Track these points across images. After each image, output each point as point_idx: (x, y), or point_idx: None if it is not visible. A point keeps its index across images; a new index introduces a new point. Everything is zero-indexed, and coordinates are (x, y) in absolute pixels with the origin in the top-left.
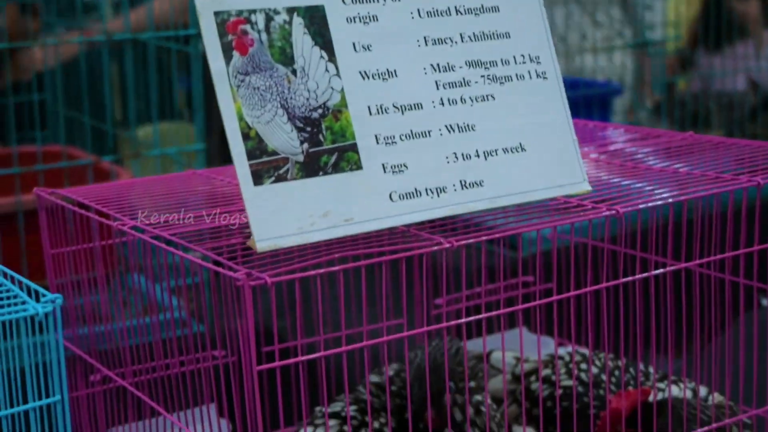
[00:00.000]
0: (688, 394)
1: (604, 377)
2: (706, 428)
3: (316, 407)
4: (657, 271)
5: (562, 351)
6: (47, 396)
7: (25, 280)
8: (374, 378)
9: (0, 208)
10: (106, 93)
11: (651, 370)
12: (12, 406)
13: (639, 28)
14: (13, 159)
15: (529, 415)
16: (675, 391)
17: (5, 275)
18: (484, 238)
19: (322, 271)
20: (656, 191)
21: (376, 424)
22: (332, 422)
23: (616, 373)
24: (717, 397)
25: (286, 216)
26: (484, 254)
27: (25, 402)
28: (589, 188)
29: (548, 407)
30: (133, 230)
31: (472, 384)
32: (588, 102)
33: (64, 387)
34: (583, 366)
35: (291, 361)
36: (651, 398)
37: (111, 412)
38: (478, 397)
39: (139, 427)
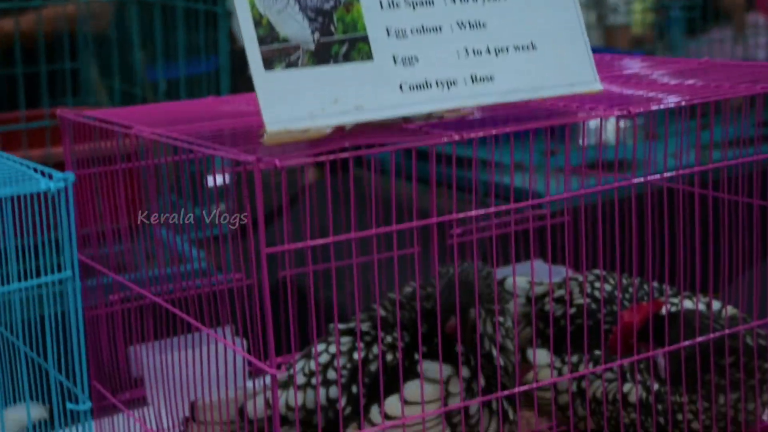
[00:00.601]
0: (702, 307)
1: (617, 294)
2: (718, 333)
3: (330, 324)
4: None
5: (575, 274)
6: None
7: (39, 166)
8: (391, 295)
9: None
10: (136, 55)
11: (665, 287)
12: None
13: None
14: (45, 116)
15: (543, 336)
16: (688, 305)
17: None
18: (494, 132)
19: (332, 157)
20: (669, 97)
21: (389, 339)
22: (345, 339)
23: (630, 290)
24: (730, 310)
25: (296, 101)
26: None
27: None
28: (601, 87)
29: (561, 326)
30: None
31: (501, 318)
32: None
33: (75, 263)
34: (597, 285)
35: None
36: (663, 311)
37: (129, 331)
38: (501, 319)
39: (157, 346)
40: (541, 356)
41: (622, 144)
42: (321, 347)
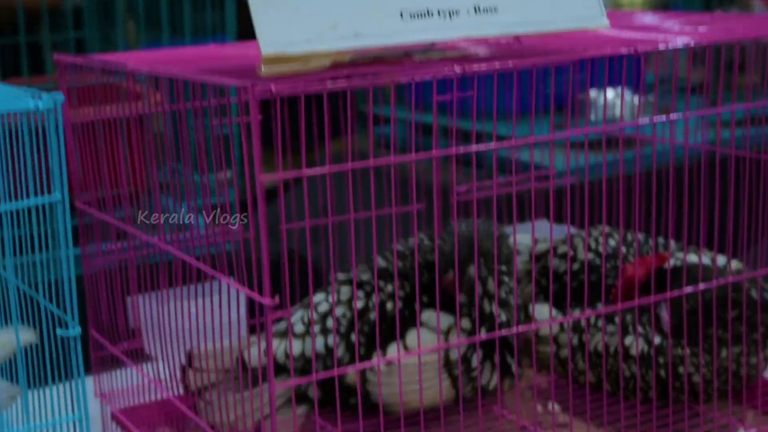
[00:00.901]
0: (706, 261)
1: (622, 249)
2: (722, 280)
3: (329, 274)
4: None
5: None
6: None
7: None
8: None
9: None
10: (140, 23)
11: (671, 242)
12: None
13: None
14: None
15: (545, 293)
16: (693, 259)
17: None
18: (498, 65)
19: (329, 87)
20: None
21: (389, 288)
22: (344, 288)
23: (634, 245)
24: (735, 264)
25: (293, 25)
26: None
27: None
28: (607, 23)
29: (565, 282)
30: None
31: (503, 268)
32: None
33: (65, 186)
34: (600, 240)
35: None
36: (667, 265)
37: (127, 282)
38: (505, 278)
39: (155, 296)
40: (542, 311)
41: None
42: (320, 297)
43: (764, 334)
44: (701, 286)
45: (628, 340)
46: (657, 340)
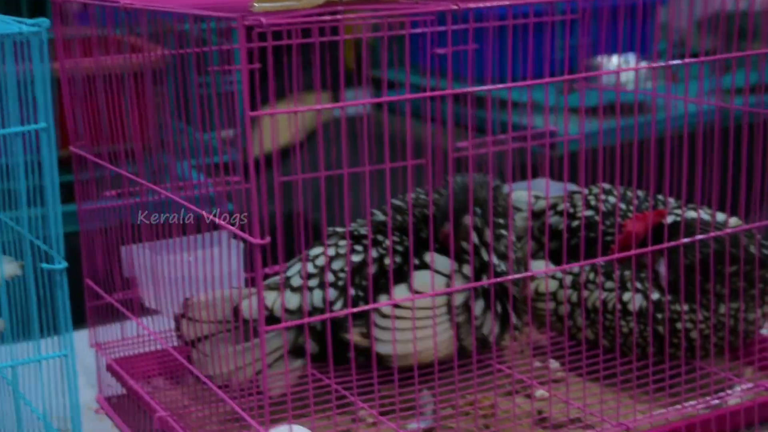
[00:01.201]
0: (706, 217)
1: (621, 206)
2: (719, 233)
3: (329, 228)
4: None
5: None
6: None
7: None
8: (393, 201)
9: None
10: None
11: (671, 199)
12: None
13: None
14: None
15: (544, 250)
16: (692, 215)
17: None
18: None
19: (318, 19)
20: None
21: (387, 243)
22: (342, 242)
23: (633, 202)
24: (735, 221)
25: None
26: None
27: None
28: None
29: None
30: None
31: (501, 220)
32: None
33: (50, 114)
34: (601, 197)
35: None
36: (666, 221)
37: (124, 231)
38: (503, 231)
39: (151, 247)
40: (540, 267)
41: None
42: (318, 250)
43: (762, 290)
44: (698, 237)
45: (627, 296)
46: (655, 296)
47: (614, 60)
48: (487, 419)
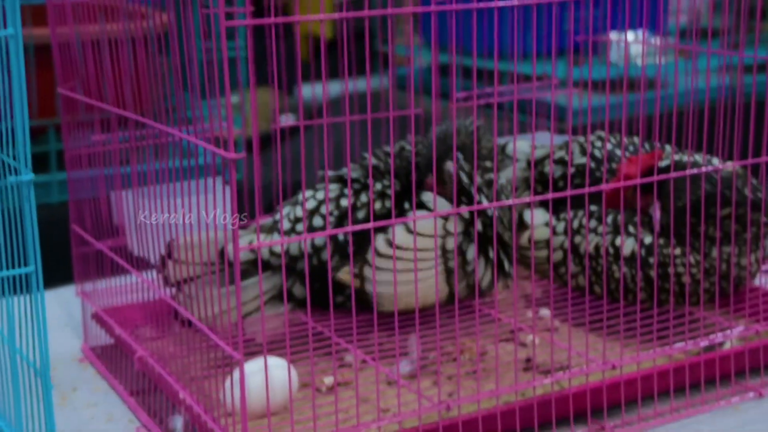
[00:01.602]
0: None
1: (618, 152)
2: (711, 168)
3: (320, 171)
4: None
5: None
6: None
7: None
8: (386, 148)
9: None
10: None
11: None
12: None
13: None
14: None
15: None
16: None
17: None
18: None
19: None
20: None
21: (378, 186)
22: (332, 186)
23: (631, 148)
24: (729, 165)
25: None
26: None
27: None
28: None
29: (560, 187)
30: None
31: (488, 164)
32: None
33: (17, 22)
34: (598, 144)
35: None
36: (662, 164)
37: (111, 178)
38: (491, 176)
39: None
40: (537, 216)
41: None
42: (308, 194)
43: (755, 234)
44: (690, 172)
45: (619, 240)
46: (648, 240)
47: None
48: (473, 364)
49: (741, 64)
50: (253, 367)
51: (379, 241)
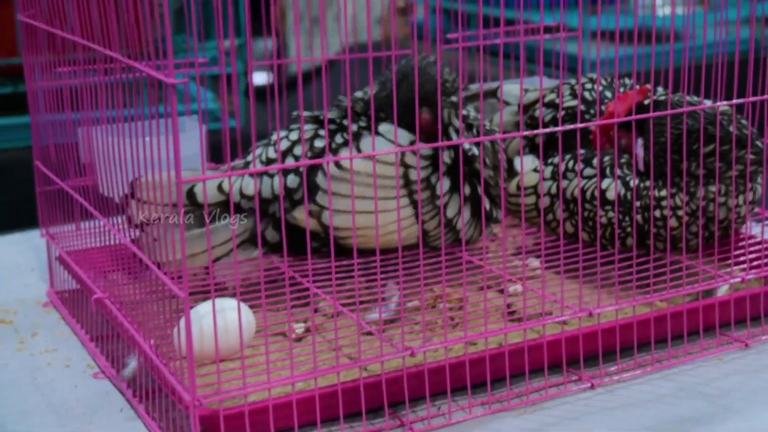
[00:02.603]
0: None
1: (608, 93)
2: (699, 108)
3: (294, 112)
4: None
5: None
6: None
7: None
8: (358, 94)
9: None
10: None
11: (660, 88)
12: None
13: None
14: None
15: (532, 144)
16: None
17: None
18: None
19: None
20: None
21: (354, 127)
22: (308, 126)
23: (622, 89)
24: (723, 107)
25: None
26: None
27: None
28: None
29: (551, 135)
30: None
31: (454, 98)
32: None
33: None
34: (589, 86)
35: None
36: (648, 101)
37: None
38: (485, 124)
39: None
40: (527, 161)
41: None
42: (281, 134)
43: (741, 172)
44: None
45: (605, 183)
46: (635, 181)
47: None
48: (454, 312)
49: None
50: (207, 308)
51: (331, 166)
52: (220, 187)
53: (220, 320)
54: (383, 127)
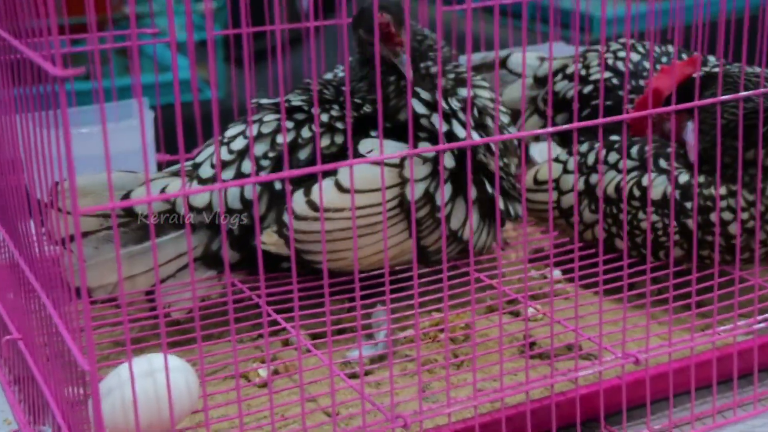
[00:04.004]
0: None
1: (646, 64)
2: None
3: (253, 100)
4: None
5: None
6: None
7: None
8: (327, 76)
9: None
10: None
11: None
12: None
13: None
14: None
15: (553, 124)
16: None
17: None
18: None
19: None
20: None
21: (325, 117)
22: (271, 117)
23: (663, 60)
24: None
25: None
26: None
27: None
28: None
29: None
30: None
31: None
32: None
33: None
34: (621, 54)
35: None
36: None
37: None
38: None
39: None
40: (544, 151)
41: None
42: (237, 129)
43: None
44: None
45: (646, 179)
46: (684, 178)
47: None
48: (457, 344)
49: None
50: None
51: (298, 201)
52: (164, 193)
53: (150, 387)
54: (365, 145)
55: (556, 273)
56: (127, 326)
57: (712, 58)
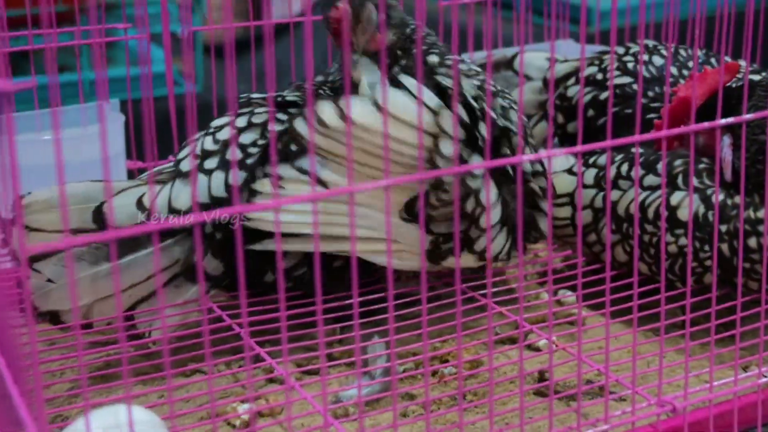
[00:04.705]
0: None
1: (673, 70)
2: None
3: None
4: None
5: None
6: None
7: None
8: (319, 78)
9: None
10: None
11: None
12: None
13: None
14: None
15: (564, 132)
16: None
17: None
18: None
19: None
20: None
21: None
22: (263, 109)
23: (690, 64)
24: None
25: None
26: None
27: None
28: None
29: (590, 116)
30: None
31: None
32: None
33: None
34: (644, 57)
35: None
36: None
37: None
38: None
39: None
40: (559, 159)
41: None
42: (223, 120)
43: None
44: None
45: (676, 197)
46: (720, 196)
47: None
48: (464, 382)
49: None
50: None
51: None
52: (140, 203)
53: None
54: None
55: (569, 296)
56: (85, 375)
57: (742, 63)
